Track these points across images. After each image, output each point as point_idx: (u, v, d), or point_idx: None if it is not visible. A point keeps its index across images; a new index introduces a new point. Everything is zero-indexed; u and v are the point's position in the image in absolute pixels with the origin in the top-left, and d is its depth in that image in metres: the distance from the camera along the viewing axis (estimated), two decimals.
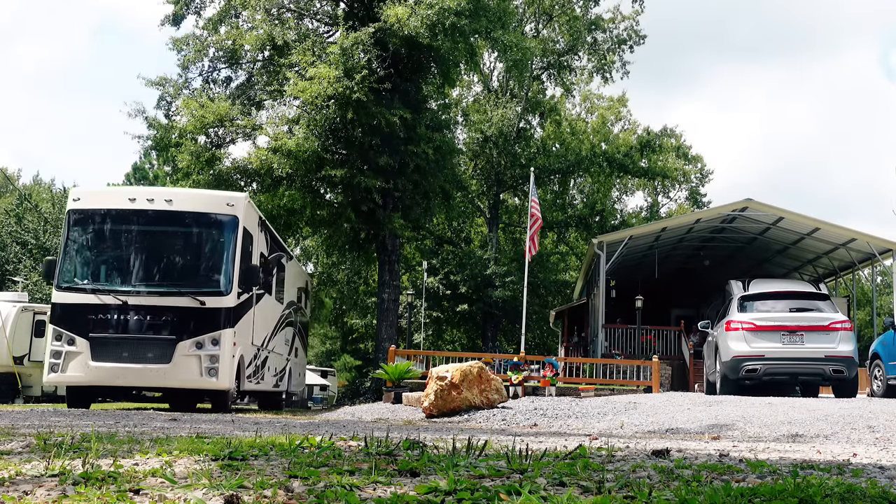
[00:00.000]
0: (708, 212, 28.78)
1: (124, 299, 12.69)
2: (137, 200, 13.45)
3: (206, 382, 12.69)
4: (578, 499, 2.19)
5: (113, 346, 12.58)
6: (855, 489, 2.34)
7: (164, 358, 12.57)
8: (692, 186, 51.43)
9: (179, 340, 12.62)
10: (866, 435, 7.17)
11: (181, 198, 13.77)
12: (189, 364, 12.60)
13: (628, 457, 3.35)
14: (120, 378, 12.58)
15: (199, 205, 13.64)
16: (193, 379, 12.64)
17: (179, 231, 13.47)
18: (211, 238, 13.51)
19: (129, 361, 12.49)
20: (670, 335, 25.73)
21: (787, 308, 15.33)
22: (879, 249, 22.27)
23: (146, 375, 12.54)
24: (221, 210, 13.54)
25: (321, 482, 2.39)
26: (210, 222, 13.50)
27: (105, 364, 12.54)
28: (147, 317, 12.66)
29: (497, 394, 11.77)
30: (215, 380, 12.67)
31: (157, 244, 13.39)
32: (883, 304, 34.83)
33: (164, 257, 13.37)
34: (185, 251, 13.46)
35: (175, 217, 13.41)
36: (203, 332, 12.73)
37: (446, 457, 2.92)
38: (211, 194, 14.95)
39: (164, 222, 13.39)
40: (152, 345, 12.58)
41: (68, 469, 2.57)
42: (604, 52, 39.03)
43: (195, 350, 12.66)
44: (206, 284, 13.13)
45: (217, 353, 12.70)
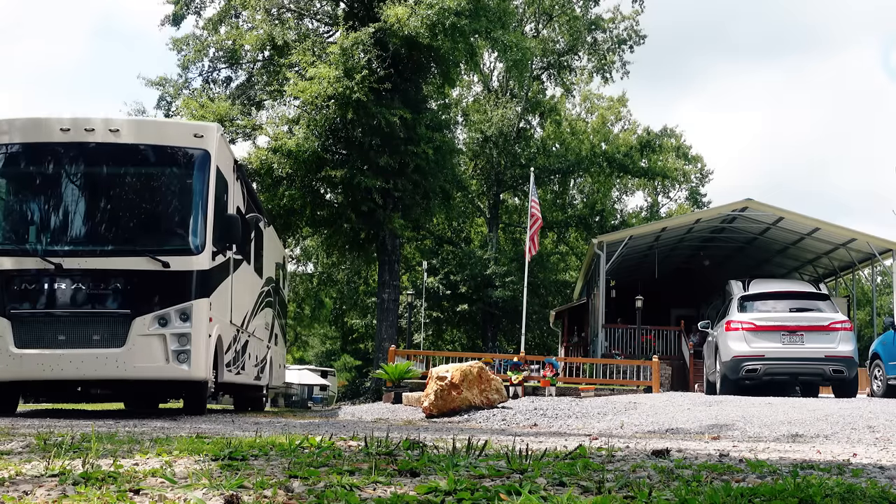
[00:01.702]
0: (708, 212, 28.78)
1: (57, 262, 9.64)
2: (72, 131, 10.22)
3: (174, 371, 9.75)
4: (578, 499, 2.19)
5: (44, 325, 9.65)
6: (855, 489, 2.34)
7: (116, 339, 9.66)
8: (692, 186, 51.43)
9: (136, 315, 9.68)
10: (866, 435, 7.17)
11: (132, 128, 10.67)
12: (150, 346, 9.70)
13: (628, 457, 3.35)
14: (55, 369, 9.61)
15: (157, 136, 10.59)
16: (156, 367, 9.72)
17: (131, 171, 10.43)
18: (174, 180, 10.44)
19: (68, 346, 9.60)
20: (670, 335, 25.72)
21: (787, 308, 15.33)
22: (879, 249, 22.27)
23: (91, 364, 9.59)
24: (187, 143, 10.44)
25: (321, 482, 2.39)
26: (172, 159, 10.44)
27: (34, 351, 9.58)
28: (90, 285, 9.74)
29: (497, 394, 11.77)
30: (186, 367, 9.74)
31: (102, 189, 10.24)
32: (883, 304, 34.83)
33: (112, 207, 10.21)
34: (140, 198, 10.37)
35: (125, 152, 10.32)
36: (168, 304, 9.78)
37: (446, 457, 2.92)
38: (172, 123, 12.09)
39: (110, 160, 10.28)
40: (99, 322, 9.70)
41: (68, 469, 2.57)
42: (604, 52, 39.05)
43: (157, 328, 9.72)
44: (169, 241, 10.17)
45: (187, 330, 9.78)
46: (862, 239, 22.14)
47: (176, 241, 10.21)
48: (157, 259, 9.86)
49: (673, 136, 48.57)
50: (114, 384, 10.48)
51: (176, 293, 9.90)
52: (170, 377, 9.94)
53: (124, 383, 10.30)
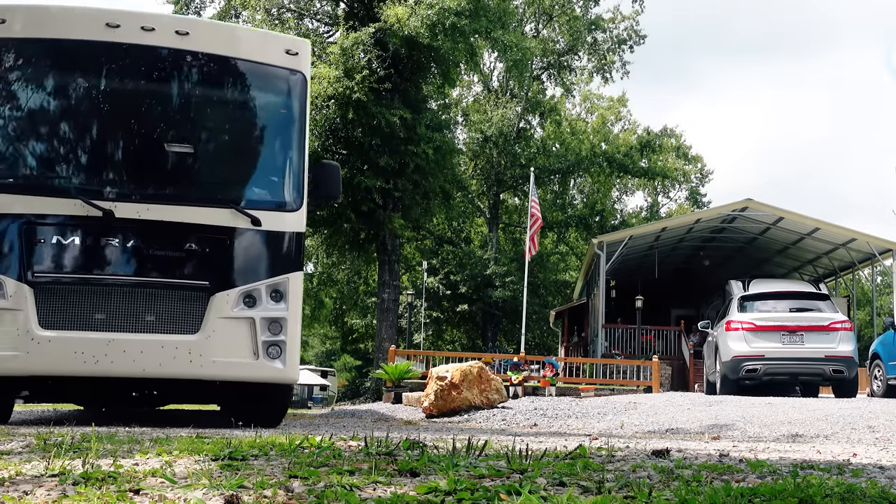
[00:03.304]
0: (708, 212, 28.79)
1: (107, 208, 6.90)
2: (124, 29, 7.31)
3: (265, 369, 7.18)
4: (578, 499, 2.19)
5: (82, 298, 6.85)
6: (855, 489, 2.34)
7: (188, 323, 7.02)
8: (692, 186, 51.43)
9: (216, 290, 7.07)
10: (866, 435, 7.17)
11: (207, 32, 7.83)
12: (233, 335, 7.12)
13: (628, 457, 3.35)
14: (101, 362, 6.78)
15: (240, 47, 7.70)
16: (241, 363, 7.13)
17: (208, 92, 7.70)
18: (265, 108, 7.93)
19: (119, 329, 6.86)
20: (670, 335, 25.73)
21: (787, 308, 15.34)
22: (879, 249, 22.27)
23: (154, 357, 6.87)
24: (279, 60, 7.73)
25: (321, 482, 2.39)
26: (263, 80, 7.79)
27: (68, 334, 6.76)
28: (152, 243, 7.03)
29: (497, 394, 11.77)
30: (280, 365, 7.21)
31: (166, 114, 7.49)
32: (883, 304, 34.82)
33: (181, 139, 7.47)
34: (219, 129, 7.81)
35: (199, 64, 7.58)
36: (256, 277, 7.26)
37: (446, 457, 2.92)
38: (258, 32, 9.13)
39: (178, 72, 7.51)
40: (164, 297, 6.99)
41: (68, 469, 2.57)
42: (604, 52, 39.06)
43: (243, 308, 7.16)
44: (258, 190, 7.74)
45: (281, 313, 7.26)
46: (862, 239, 22.14)
47: (267, 191, 7.73)
48: (246, 213, 7.26)
49: (673, 136, 48.58)
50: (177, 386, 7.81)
51: (267, 262, 7.42)
52: (257, 378, 7.32)
53: (195, 386, 7.69)
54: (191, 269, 7.16)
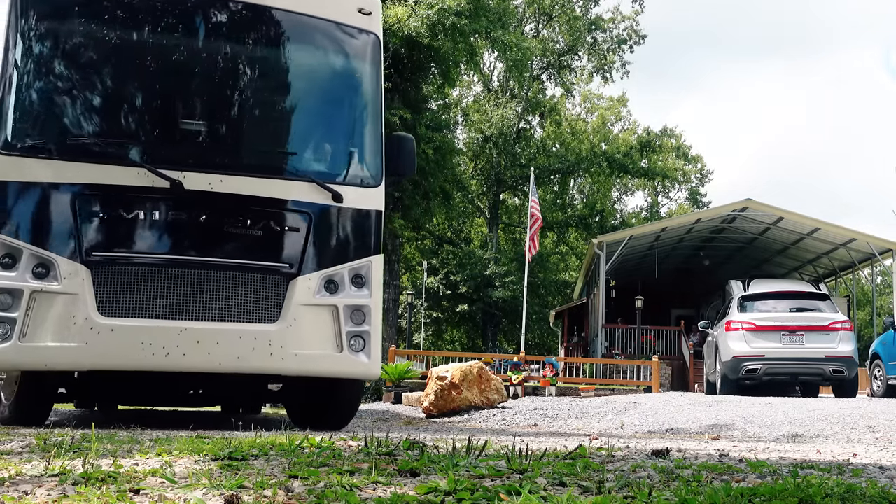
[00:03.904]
0: (708, 212, 28.81)
1: (175, 178, 6.06)
2: None
3: (348, 364, 6.44)
4: (578, 499, 2.19)
5: (148, 281, 6.00)
6: (855, 489, 2.34)
7: (266, 310, 6.26)
8: (692, 186, 51.47)
9: (297, 274, 6.34)
10: (866, 435, 7.17)
11: None
12: (316, 324, 6.38)
13: (628, 457, 3.35)
14: (172, 355, 5.96)
15: (315, 3, 6.86)
16: (324, 356, 6.40)
17: (281, 52, 6.91)
18: (342, 72, 7.06)
19: (190, 317, 6.06)
20: (670, 335, 25.74)
21: (787, 308, 15.35)
22: (879, 249, 22.28)
23: (231, 349, 6.10)
24: (353, 20, 6.97)
25: (321, 482, 2.39)
26: (337, 41, 6.95)
27: (131, 322, 5.92)
28: (227, 219, 6.24)
29: (497, 394, 11.78)
30: (365, 359, 6.50)
31: (237, 75, 6.64)
32: (883, 304, 34.83)
33: (255, 103, 6.78)
34: (293, 94, 7.04)
35: (273, 20, 6.79)
36: (337, 260, 6.54)
37: (446, 457, 2.92)
38: None
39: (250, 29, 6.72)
40: (240, 281, 6.21)
41: (68, 469, 2.57)
42: (604, 52, 39.09)
43: (325, 295, 6.42)
44: (338, 163, 6.87)
45: (365, 301, 6.56)
46: (862, 239, 22.16)
47: (347, 164, 6.88)
48: (327, 188, 6.50)
49: (673, 136, 48.62)
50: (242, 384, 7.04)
51: (348, 244, 6.69)
52: (340, 373, 6.61)
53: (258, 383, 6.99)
54: (268, 250, 6.37)
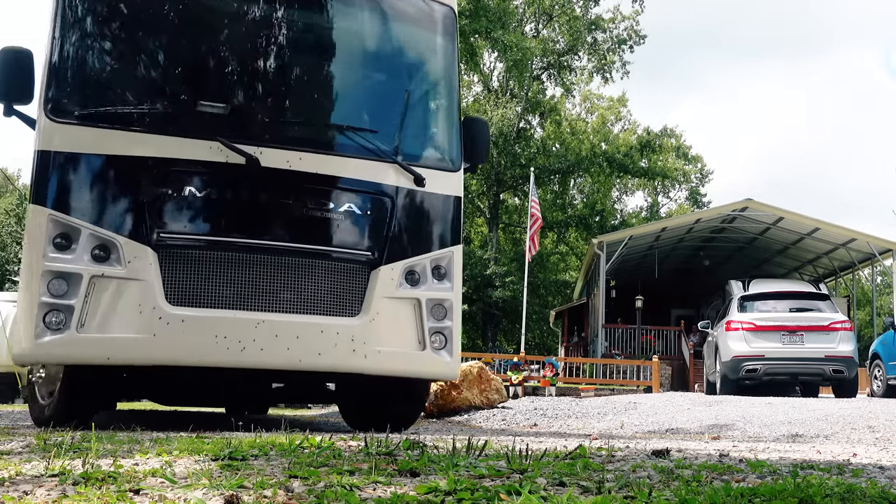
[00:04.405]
0: (708, 212, 28.81)
1: (251, 153, 5.53)
2: None
3: (430, 363, 6.00)
4: (578, 499, 2.20)
5: (222, 266, 5.46)
6: (855, 489, 2.34)
7: (348, 303, 5.76)
8: (692, 186, 51.47)
9: (379, 263, 5.86)
10: (866, 435, 7.17)
11: None
12: (398, 318, 5.90)
13: (628, 457, 3.35)
14: (249, 350, 5.38)
15: None
16: (406, 355, 5.92)
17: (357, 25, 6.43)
18: (418, 50, 6.64)
19: (268, 308, 5.51)
20: (670, 335, 25.74)
21: (787, 308, 15.37)
22: (879, 249, 22.28)
23: (312, 344, 5.56)
24: None
25: (321, 482, 2.39)
26: (413, 17, 6.57)
27: (203, 313, 5.36)
28: (305, 202, 5.71)
29: (497, 394, 11.78)
30: (447, 357, 6.05)
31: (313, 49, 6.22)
32: (883, 304, 34.82)
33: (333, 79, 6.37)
34: (373, 65, 6.57)
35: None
36: (418, 249, 6.08)
37: (446, 457, 2.92)
38: None
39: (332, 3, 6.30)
40: (319, 269, 5.69)
41: (68, 469, 2.57)
42: (604, 52, 39.08)
43: (408, 288, 5.96)
44: (417, 145, 6.44)
45: (446, 294, 6.09)
46: (862, 239, 22.16)
47: (427, 146, 6.47)
48: (410, 170, 6.04)
49: (673, 136, 48.61)
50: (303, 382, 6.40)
51: (430, 232, 6.22)
52: (422, 373, 6.17)
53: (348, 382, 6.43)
54: (350, 236, 5.87)
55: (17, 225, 43.58)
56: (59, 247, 5.24)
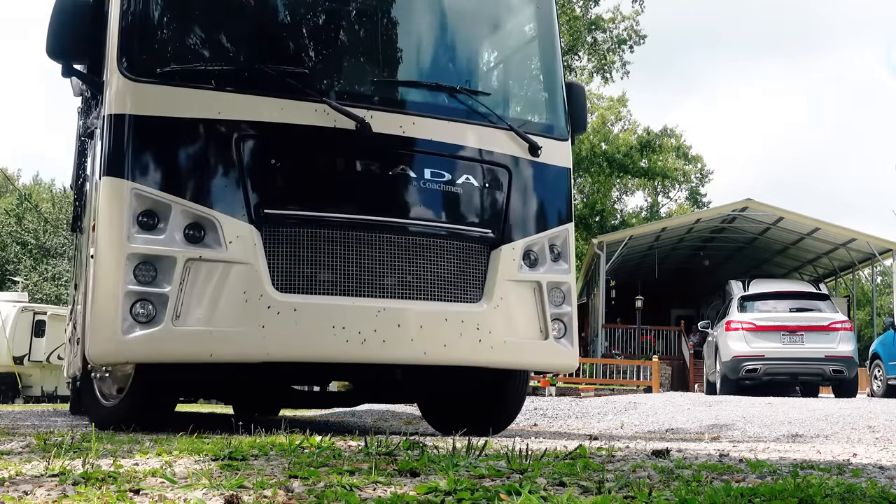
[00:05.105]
0: (708, 212, 28.81)
1: (361, 116, 4.92)
2: None
3: (554, 354, 5.48)
4: (578, 499, 2.19)
5: (335, 246, 4.82)
6: (855, 489, 2.34)
7: (468, 287, 5.18)
8: (692, 186, 51.45)
9: (499, 242, 5.29)
10: (866, 435, 7.17)
11: None
12: (520, 305, 5.35)
13: (628, 457, 3.35)
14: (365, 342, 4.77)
15: None
16: (531, 345, 5.37)
17: None
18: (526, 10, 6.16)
19: (387, 294, 4.90)
20: (670, 335, 25.74)
21: (787, 308, 15.38)
22: (879, 249, 22.28)
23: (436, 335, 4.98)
24: None
25: (321, 482, 2.39)
26: None
27: (319, 300, 4.75)
28: (419, 173, 5.10)
29: None
30: (568, 346, 5.55)
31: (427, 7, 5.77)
32: (883, 304, 34.83)
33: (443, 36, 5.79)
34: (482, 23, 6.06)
35: None
36: (537, 227, 5.53)
37: (446, 457, 2.92)
38: None
39: None
40: (439, 249, 5.10)
41: (68, 469, 2.57)
42: (604, 52, 39.05)
43: (527, 270, 5.40)
44: (530, 111, 6.06)
45: (564, 278, 5.60)
46: (862, 239, 22.16)
47: (537, 112, 5.97)
48: (525, 138, 5.47)
49: (673, 136, 48.59)
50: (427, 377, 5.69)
51: (545, 207, 5.66)
52: (546, 366, 5.82)
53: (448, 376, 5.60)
54: (468, 212, 5.28)
55: (17, 225, 43.57)
56: (146, 226, 4.56)
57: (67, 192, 37.59)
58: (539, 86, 6.05)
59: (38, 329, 22.51)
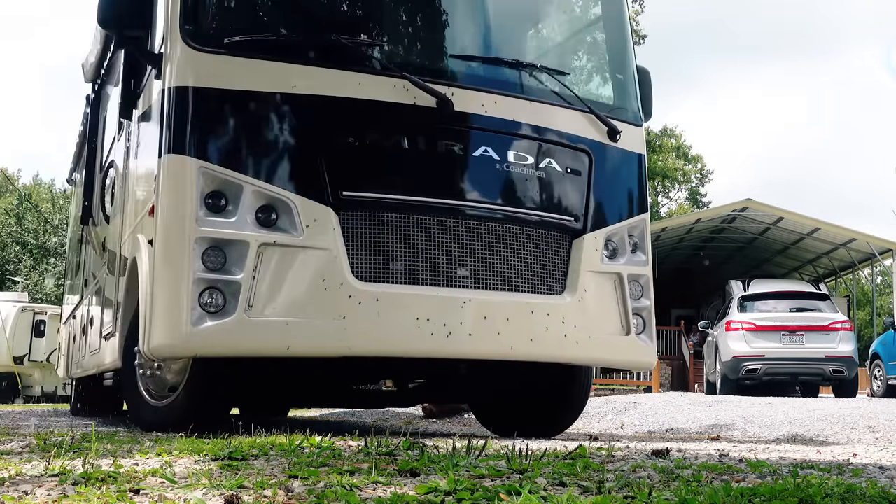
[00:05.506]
0: (708, 212, 28.81)
1: (443, 93, 4.63)
2: None
3: (636, 350, 5.25)
4: (578, 499, 2.19)
5: (418, 232, 4.56)
6: (855, 489, 2.34)
7: (551, 278, 4.95)
8: (692, 186, 51.45)
9: (583, 231, 5.07)
10: (866, 435, 7.17)
11: None
12: (604, 298, 5.13)
13: (628, 457, 3.36)
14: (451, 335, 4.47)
15: None
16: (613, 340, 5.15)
17: None
18: None
19: (473, 284, 4.64)
20: (670, 335, 25.74)
21: (787, 308, 15.39)
22: (879, 249, 22.28)
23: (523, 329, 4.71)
24: None
25: (321, 482, 2.39)
26: None
27: (402, 290, 4.46)
28: (501, 155, 4.81)
29: None
30: (648, 341, 5.31)
31: None
32: (883, 304, 34.82)
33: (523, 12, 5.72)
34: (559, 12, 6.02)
35: None
36: (617, 216, 5.31)
37: (446, 457, 2.92)
38: None
39: None
40: (523, 236, 4.86)
41: (68, 469, 2.57)
42: None
43: (607, 262, 5.19)
44: (607, 93, 5.75)
45: (643, 270, 5.38)
46: (862, 239, 22.16)
47: (613, 94, 5.67)
48: (606, 122, 5.25)
49: (673, 136, 48.60)
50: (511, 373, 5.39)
51: (623, 194, 5.44)
52: (627, 363, 5.59)
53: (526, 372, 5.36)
54: (551, 198, 5.01)
55: (17, 225, 43.57)
56: (214, 208, 4.24)
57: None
58: (613, 68, 5.77)
59: (38, 329, 22.53)
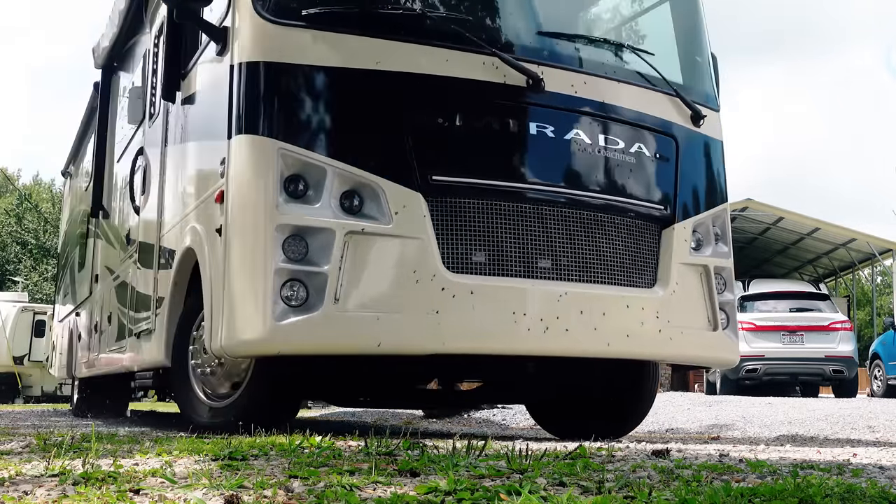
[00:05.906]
0: None
1: (534, 72, 4.36)
2: None
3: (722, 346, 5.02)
4: (578, 499, 2.19)
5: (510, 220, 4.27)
6: (855, 489, 2.34)
7: (641, 270, 4.72)
8: None
9: (672, 221, 4.85)
10: (866, 435, 7.16)
11: None
12: (692, 291, 4.89)
13: (628, 457, 3.35)
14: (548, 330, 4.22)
15: None
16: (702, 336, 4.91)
17: None
18: None
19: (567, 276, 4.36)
20: None
21: (787, 308, 15.40)
22: (879, 249, 22.29)
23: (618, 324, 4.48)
24: None
25: (321, 482, 2.39)
26: None
27: (497, 283, 4.17)
28: (591, 138, 4.54)
29: None
30: (733, 336, 5.08)
31: None
32: (883, 304, 34.83)
33: None
34: None
35: None
36: (702, 205, 5.10)
37: (446, 457, 2.92)
38: None
39: None
40: (614, 226, 4.61)
41: (68, 469, 2.57)
42: None
43: (694, 254, 4.96)
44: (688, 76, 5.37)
45: (726, 263, 5.14)
46: (862, 239, 22.17)
47: (693, 81, 5.35)
48: (692, 106, 5.03)
49: None
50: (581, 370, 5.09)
51: (706, 182, 5.22)
52: (714, 360, 5.36)
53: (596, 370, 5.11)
54: (642, 185, 4.76)
55: (17, 225, 43.56)
56: (294, 193, 3.96)
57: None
58: (692, 52, 5.49)
59: (38, 329, 22.54)
